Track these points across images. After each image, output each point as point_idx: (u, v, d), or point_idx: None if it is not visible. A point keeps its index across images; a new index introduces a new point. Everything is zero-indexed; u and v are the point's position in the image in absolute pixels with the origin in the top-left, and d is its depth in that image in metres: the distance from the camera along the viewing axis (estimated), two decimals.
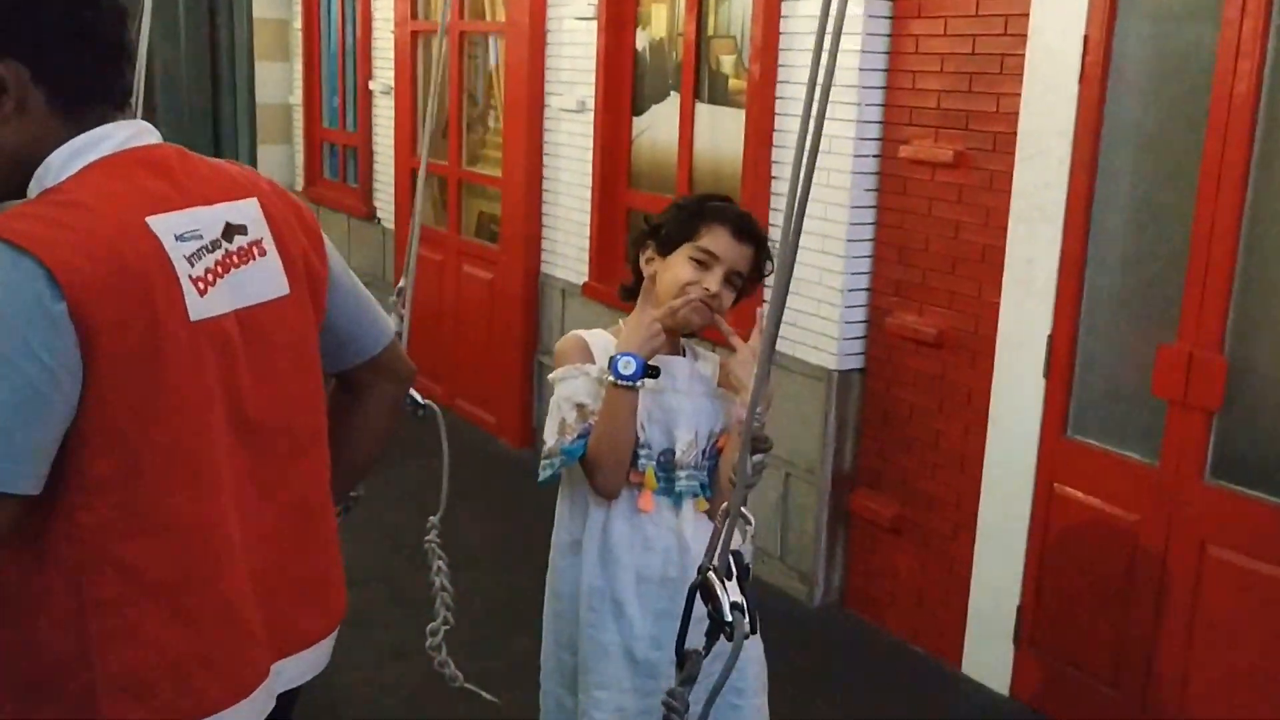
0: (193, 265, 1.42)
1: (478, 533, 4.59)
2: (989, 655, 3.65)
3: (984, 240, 3.54)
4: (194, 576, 1.45)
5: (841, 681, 3.72)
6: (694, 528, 2.31)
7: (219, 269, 1.46)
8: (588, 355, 2.35)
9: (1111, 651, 3.31)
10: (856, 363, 3.98)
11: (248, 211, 1.54)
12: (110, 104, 1.46)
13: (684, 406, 2.31)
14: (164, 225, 1.40)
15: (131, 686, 1.42)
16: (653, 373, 2.26)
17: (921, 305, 3.77)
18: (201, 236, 1.45)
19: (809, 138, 1.61)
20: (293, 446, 1.61)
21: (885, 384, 3.92)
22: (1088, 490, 3.34)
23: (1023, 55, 3.36)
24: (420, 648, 2.73)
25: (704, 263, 2.25)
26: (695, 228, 2.28)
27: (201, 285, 1.43)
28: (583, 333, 2.42)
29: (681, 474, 2.30)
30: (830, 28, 2.01)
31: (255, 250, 1.53)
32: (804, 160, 1.66)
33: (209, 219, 1.47)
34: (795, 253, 1.70)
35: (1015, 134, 3.40)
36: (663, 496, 2.31)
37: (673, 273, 2.28)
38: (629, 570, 2.32)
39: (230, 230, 1.50)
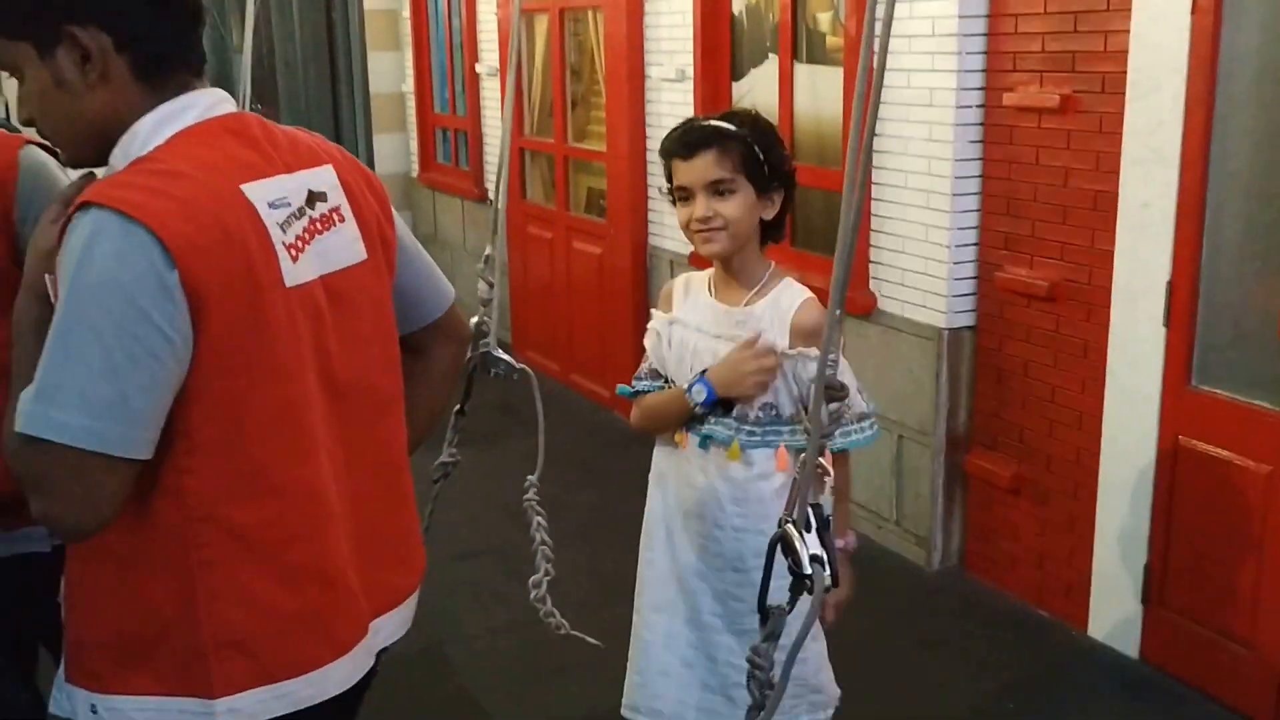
0: (284, 232, 1.45)
1: (590, 505, 4.61)
2: (1116, 616, 3.53)
3: (1095, 187, 3.40)
4: (297, 537, 1.48)
5: (962, 647, 3.64)
6: (720, 472, 2.30)
7: (306, 235, 1.49)
8: (669, 302, 2.42)
9: (1245, 609, 3.17)
10: (967, 320, 3.87)
11: (326, 178, 1.57)
12: (190, 70, 1.48)
13: (718, 351, 2.27)
14: (257, 193, 1.43)
15: (237, 644, 1.45)
16: (725, 408, 2.28)
17: (1032, 258, 3.64)
18: (290, 204, 1.48)
19: (873, 74, 1.56)
20: (376, 409, 1.63)
21: (997, 340, 3.81)
22: (1215, 442, 3.19)
23: None
24: (535, 619, 2.75)
25: (685, 197, 2.23)
26: (667, 172, 2.27)
27: (293, 252, 1.46)
28: (682, 277, 2.45)
29: (711, 419, 2.28)
30: None
31: (335, 217, 1.56)
32: (866, 105, 1.60)
33: (294, 186, 1.50)
34: (860, 200, 1.65)
35: (1125, 73, 3.25)
36: (693, 436, 2.33)
37: (679, 222, 2.28)
38: (674, 500, 2.41)
39: (312, 197, 1.53)
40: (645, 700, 2.44)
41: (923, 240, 3.88)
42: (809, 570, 1.57)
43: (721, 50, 4.86)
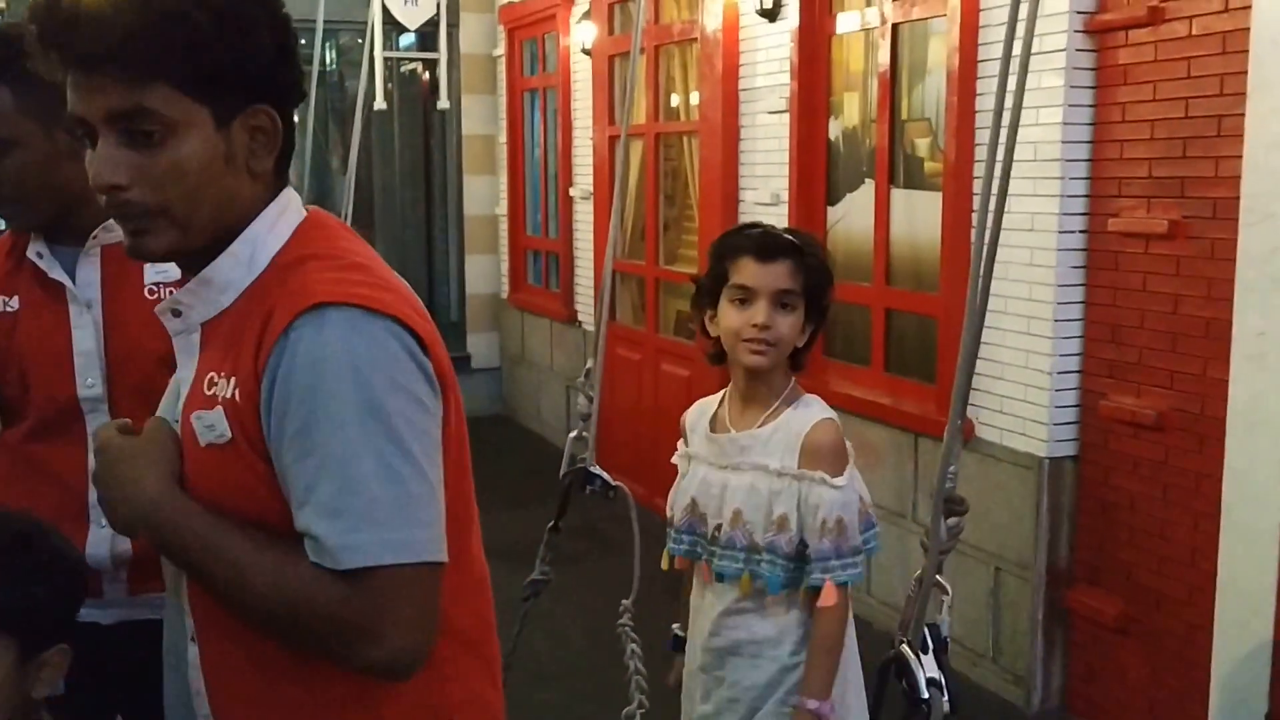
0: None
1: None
2: None
3: (1207, 314, 3.31)
4: (490, 626, 1.45)
5: None
6: (722, 607, 2.24)
7: None
8: (683, 434, 2.45)
9: None
10: (1069, 449, 3.76)
11: None
12: None
13: (728, 482, 2.22)
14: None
15: None
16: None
17: (1139, 386, 3.53)
18: None
19: (992, 199, 1.52)
20: None
21: (1102, 471, 3.68)
22: None
23: (1242, 115, 3.15)
24: None
25: (744, 300, 2.16)
26: (725, 269, 2.20)
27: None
28: (696, 406, 2.45)
29: (716, 550, 2.21)
30: (1010, 103, 1.93)
31: None
32: (988, 225, 1.57)
33: None
34: (983, 318, 1.60)
35: (1237, 198, 3.18)
36: (714, 572, 2.26)
37: (724, 323, 2.20)
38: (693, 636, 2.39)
39: None
40: None
41: (1023, 366, 3.80)
42: (926, 694, 1.48)
43: (817, 175, 4.88)
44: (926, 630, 1.49)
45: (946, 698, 1.45)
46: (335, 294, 1.20)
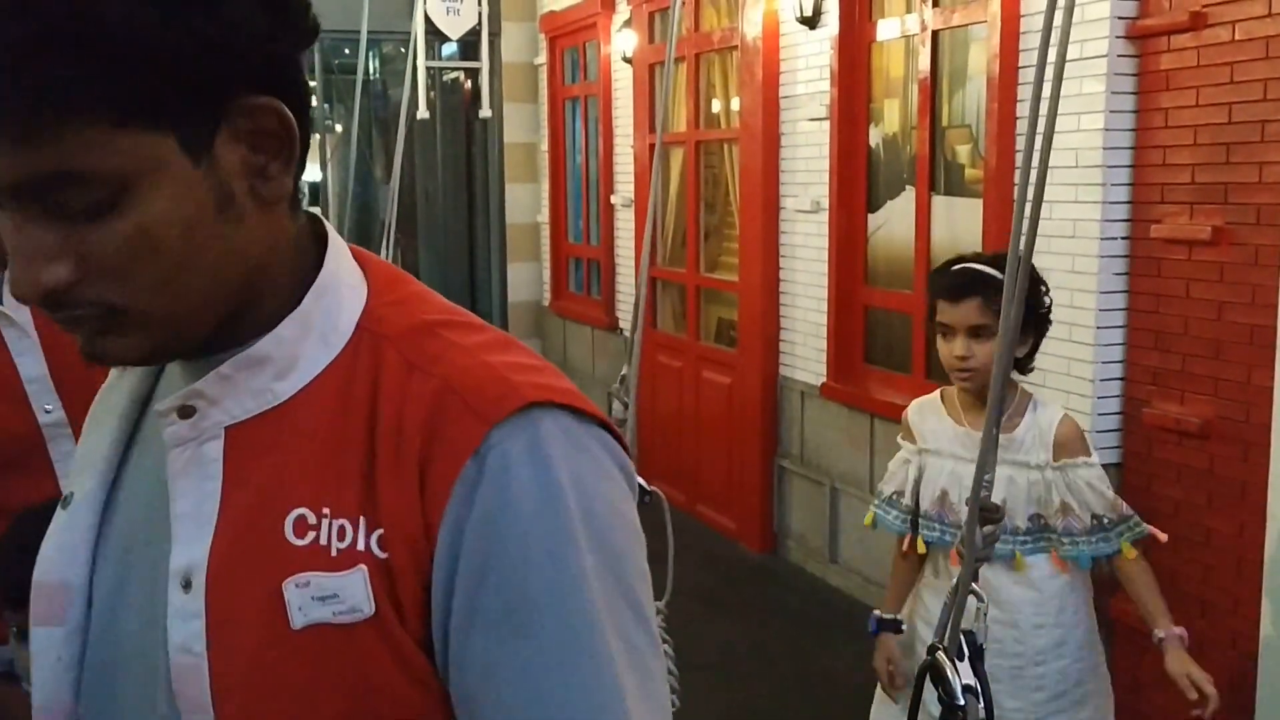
0: None
1: (716, 637, 4.50)
2: None
3: (1252, 320, 3.28)
4: None
5: None
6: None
7: None
8: (910, 433, 2.61)
9: None
10: (1112, 457, 3.73)
11: None
12: None
13: (945, 467, 2.48)
14: None
15: None
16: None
17: (1183, 394, 3.51)
18: None
19: (1027, 207, 1.53)
20: None
21: (1145, 479, 3.65)
22: None
23: None
24: None
25: (945, 334, 2.43)
26: (932, 306, 2.50)
27: None
28: (915, 404, 2.64)
29: (939, 526, 2.47)
30: (1044, 110, 1.93)
31: None
32: (1023, 232, 1.57)
33: None
34: (1019, 327, 1.60)
35: None
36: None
37: (939, 351, 2.48)
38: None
39: None
40: None
41: (1065, 374, 3.78)
42: (962, 700, 1.49)
43: (858, 182, 4.88)
44: (963, 637, 1.50)
45: (982, 705, 1.45)
46: (538, 390, 0.81)
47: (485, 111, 7.88)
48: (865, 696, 4.07)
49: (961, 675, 1.47)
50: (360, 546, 0.80)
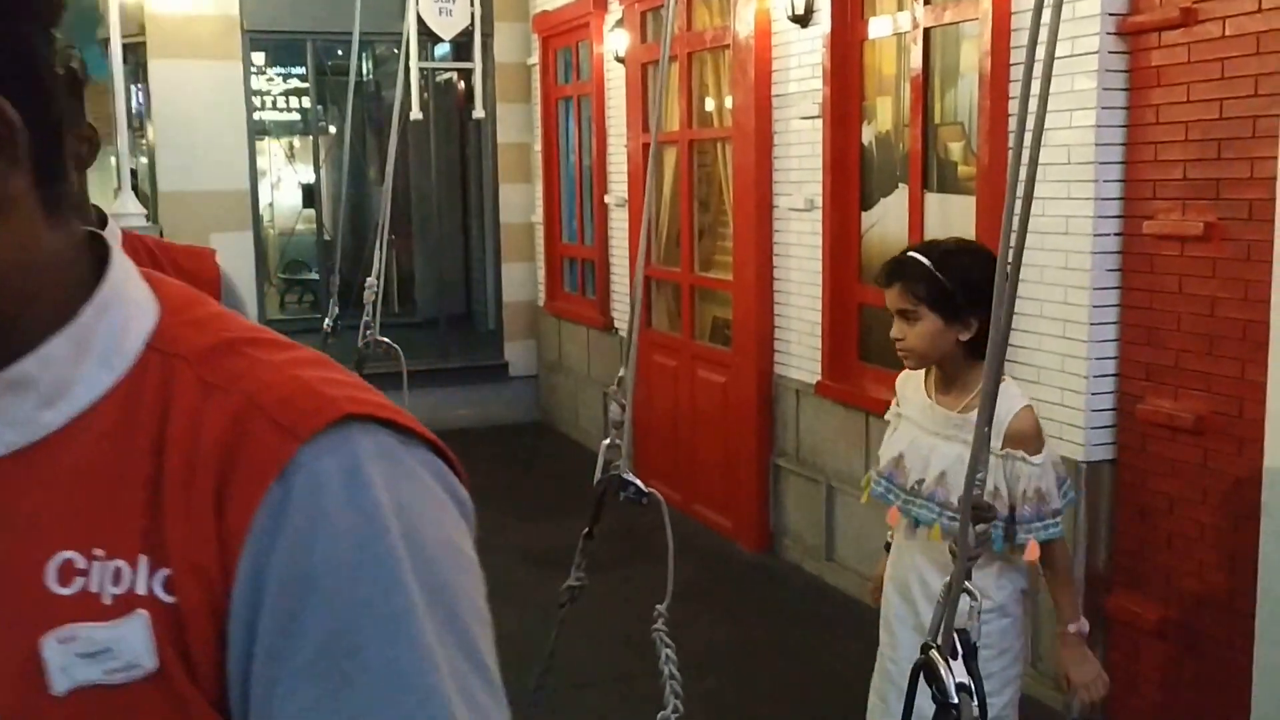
0: None
1: (713, 637, 4.50)
2: None
3: (1244, 316, 3.29)
4: None
5: None
6: (926, 552, 2.60)
7: None
8: (896, 395, 2.77)
9: None
10: (1106, 453, 3.74)
11: None
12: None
13: (936, 447, 2.56)
14: None
15: None
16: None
17: (1176, 389, 3.51)
18: None
19: (1017, 204, 1.53)
20: None
21: (1139, 475, 3.66)
22: None
23: (1277, 115, 3.14)
24: None
25: (893, 317, 2.59)
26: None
27: None
28: (905, 373, 2.73)
29: (915, 500, 2.57)
30: (1033, 108, 1.93)
31: None
32: (1013, 229, 1.58)
33: None
34: (1009, 326, 1.61)
35: (1273, 199, 3.16)
36: (905, 518, 2.63)
37: None
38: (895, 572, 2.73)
39: None
40: None
41: (1059, 370, 3.78)
42: (955, 699, 1.49)
43: (851, 180, 4.88)
44: (956, 636, 1.50)
45: (976, 703, 1.45)
46: (357, 404, 0.70)
47: (478, 112, 7.87)
48: (863, 694, 4.06)
49: (955, 674, 1.47)
50: (140, 590, 0.67)
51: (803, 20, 4.92)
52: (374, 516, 0.67)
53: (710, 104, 6.08)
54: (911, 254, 2.57)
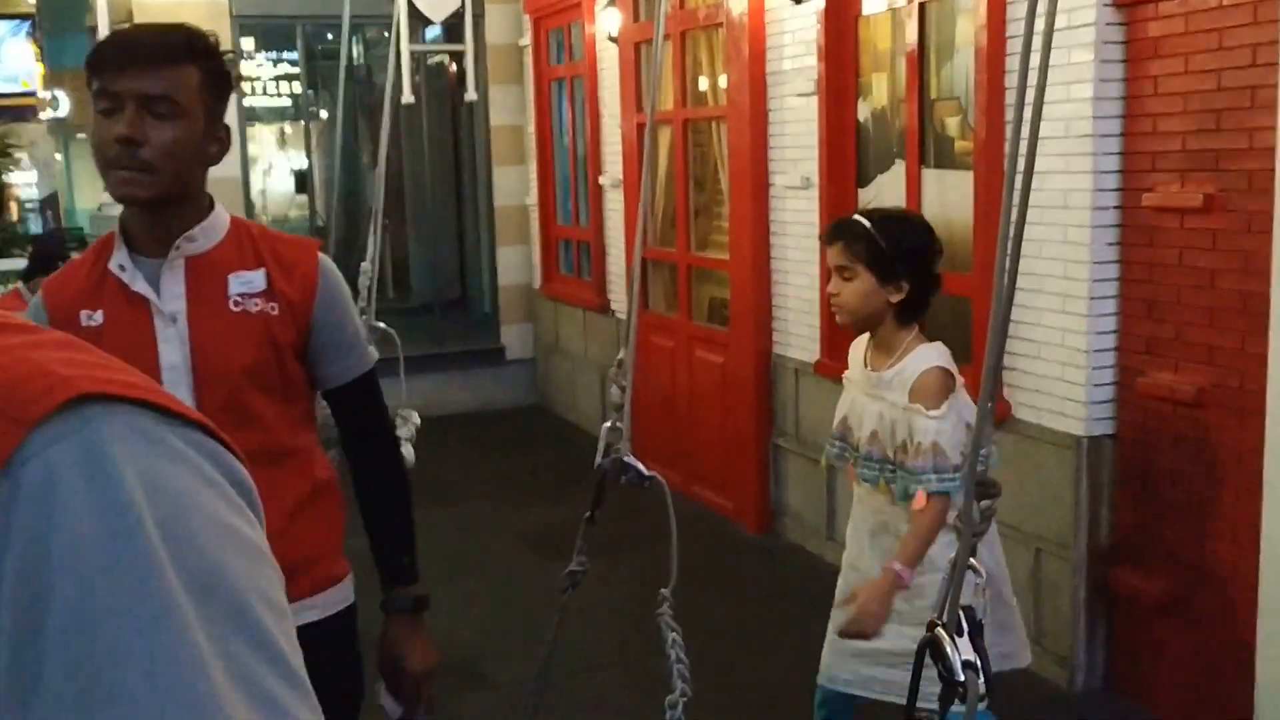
0: None
1: (715, 618, 4.49)
2: None
3: (1245, 287, 3.27)
4: None
5: None
6: (873, 506, 2.80)
7: None
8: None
9: None
10: (1107, 428, 3.73)
11: None
12: None
13: (868, 408, 2.74)
14: None
15: None
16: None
17: (1177, 362, 3.50)
18: None
19: (1018, 178, 1.51)
20: None
21: (1141, 449, 3.65)
22: None
23: (1275, 85, 3.11)
24: None
25: (831, 274, 2.76)
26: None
27: None
28: (860, 338, 2.86)
29: (860, 459, 2.74)
30: (1033, 81, 1.91)
31: None
32: (1014, 204, 1.56)
33: None
34: (1010, 304, 1.59)
35: (1273, 170, 3.14)
36: (858, 475, 2.81)
37: None
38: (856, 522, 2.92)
39: None
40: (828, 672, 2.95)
41: (1059, 345, 3.77)
42: (961, 676, 1.48)
43: (847, 157, 4.85)
44: (961, 613, 1.48)
45: (982, 680, 1.44)
46: (101, 383, 0.60)
47: (471, 94, 7.82)
48: None
49: (961, 651, 1.46)
50: None
51: None
52: (121, 506, 0.57)
53: (704, 83, 6.04)
54: (854, 217, 2.76)
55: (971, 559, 1.54)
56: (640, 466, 2.87)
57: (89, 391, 0.59)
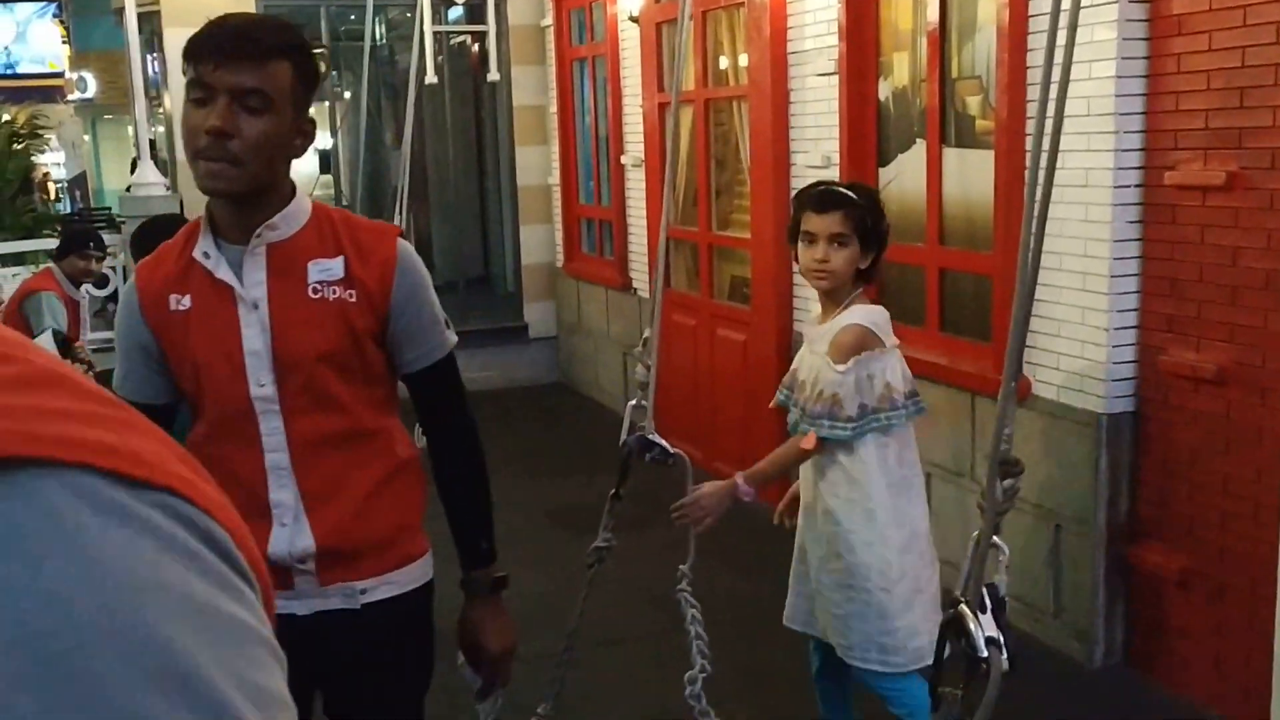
0: None
1: (738, 595, 4.54)
2: None
3: (1267, 265, 3.28)
4: None
5: None
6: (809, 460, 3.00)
7: None
8: None
9: None
10: (1128, 405, 3.74)
11: None
12: None
13: (808, 361, 2.95)
14: None
15: None
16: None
17: (1198, 340, 3.51)
18: None
19: (1043, 161, 1.54)
20: None
21: (1162, 427, 3.66)
22: None
23: None
24: (684, 708, 2.71)
25: (810, 241, 2.86)
26: (798, 218, 2.93)
27: None
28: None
29: (803, 410, 2.93)
30: (1059, 59, 1.93)
31: None
32: (1039, 186, 1.58)
33: None
34: (1035, 279, 1.61)
35: None
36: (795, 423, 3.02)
37: (800, 258, 2.92)
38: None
39: None
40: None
41: (1079, 323, 3.78)
42: (984, 653, 1.51)
43: (868, 136, 4.86)
44: (985, 590, 1.52)
45: (1005, 656, 1.47)
46: (43, 443, 0.47)
47: (493, 75, 7.84)
48: None
49: (985, 628, 1.49)
50: None
51: None
52: (50, 591, 0.45)
53: (725, 62, 6.05)
54: (841, 189, 2.94)
55: (995, 537, 1.58)
56: (665, 444, 2.91)
57: (25, 454, 0.46)
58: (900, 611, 2.88)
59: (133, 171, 8.32)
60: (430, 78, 7.38)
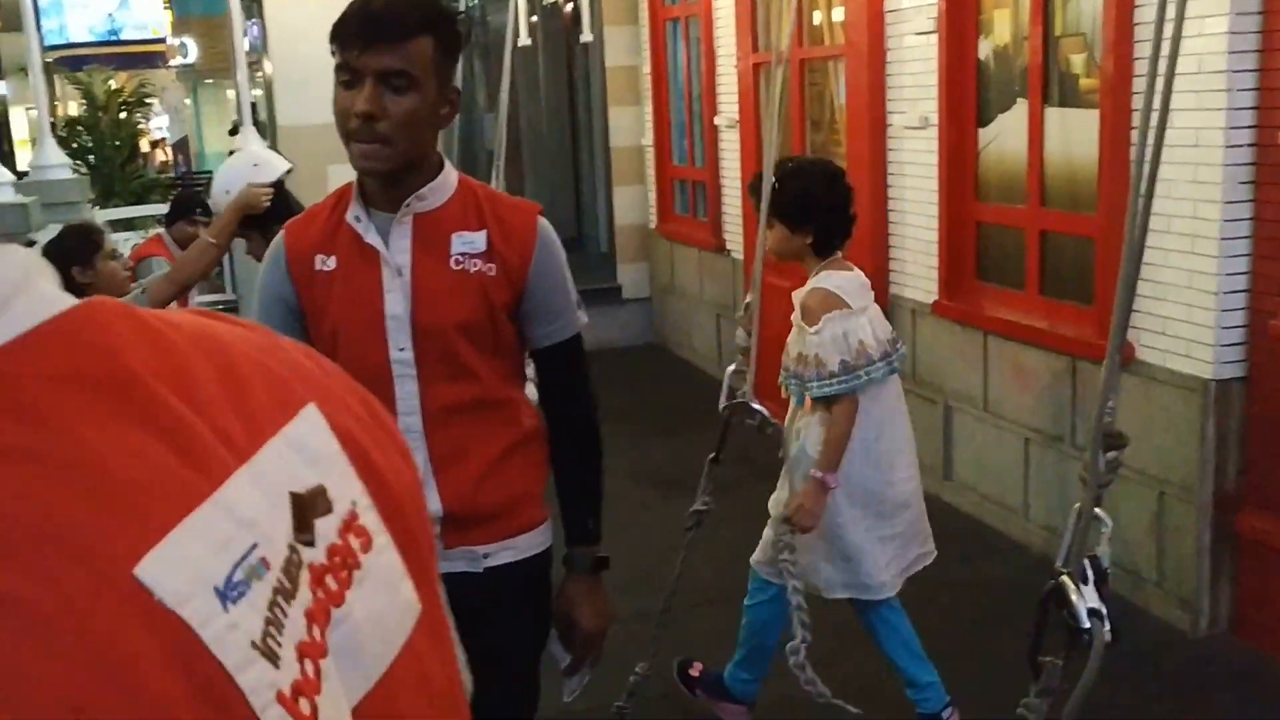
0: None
1: None
2: None
3: None
4: None
5: (1233, 718, 3.40)
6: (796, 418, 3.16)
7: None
8: None
9: None
10: (1237, 370, 3.66)
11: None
12: None
13: (791, 335, 3.11)
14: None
15: None
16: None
17: None
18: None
19: (1153, 120, 1.51)
20: None
21: (1272, 392, 3.58)
22: None
23: None
24: (777, 666, 2.74)
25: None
26: None
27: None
28: None
29: (794, 381, 3.08)
30: (1171, 14, 1.89)
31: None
32: (1148, 146, 1.56)
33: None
34: (1142, 249, 1.59)
35: None
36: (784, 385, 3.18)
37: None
38: None
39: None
40: None
41: (1186, 287, 3.70)
42: (1087, 624, 1.51)
43: (967, 96, 4.78)
44: (1086, 561, 1.52)
45: (1108, 628, 1.47)
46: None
47: (586, 36, 7.83)
48: (981, 613, 4.09)
49: (1086, 599, 1.49)
50: None
51: None
52: None
53: (819, 18, 5.98)
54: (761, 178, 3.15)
55: (1097, 509, 1.57)
56: (765, 411, 2.94)
57: None
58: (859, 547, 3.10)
59: (232, 134, 8.50)
60: (524, 40, 7.41)
